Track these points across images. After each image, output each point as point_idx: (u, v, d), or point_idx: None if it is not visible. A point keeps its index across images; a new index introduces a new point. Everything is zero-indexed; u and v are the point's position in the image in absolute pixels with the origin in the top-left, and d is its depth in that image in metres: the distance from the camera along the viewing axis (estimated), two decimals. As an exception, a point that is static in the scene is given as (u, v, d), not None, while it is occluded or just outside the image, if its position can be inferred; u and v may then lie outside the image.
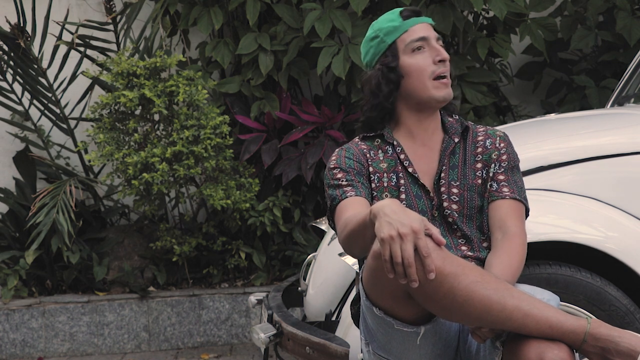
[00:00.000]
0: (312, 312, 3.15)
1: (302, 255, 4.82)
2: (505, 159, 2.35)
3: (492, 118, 5.03)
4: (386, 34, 2.35)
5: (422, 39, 2.32)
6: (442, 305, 1.94)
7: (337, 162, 2.34)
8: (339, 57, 4.61)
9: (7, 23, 4.84)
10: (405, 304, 2.00)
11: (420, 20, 2.35)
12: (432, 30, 2.36)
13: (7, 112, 5.21)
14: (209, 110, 4.57)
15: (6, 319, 4.70)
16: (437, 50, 2.31)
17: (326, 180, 2.35)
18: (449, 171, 2.33)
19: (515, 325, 1.93)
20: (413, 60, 2.32)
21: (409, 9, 2.37)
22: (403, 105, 2.37)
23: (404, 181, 2.31)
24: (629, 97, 3.72)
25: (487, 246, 2.30)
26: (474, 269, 1.95)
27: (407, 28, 2.33)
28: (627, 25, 4.92)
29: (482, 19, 5.14)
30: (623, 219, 2.82)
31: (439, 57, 2.30)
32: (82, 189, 4.93)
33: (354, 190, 2.27)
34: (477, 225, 2.30)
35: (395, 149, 2.35)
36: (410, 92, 2.33)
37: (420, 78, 2.31)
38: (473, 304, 1.92)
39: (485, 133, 2.40)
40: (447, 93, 2.31)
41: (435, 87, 2.30)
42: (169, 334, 4.79)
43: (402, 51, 2.33)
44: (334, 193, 2.29)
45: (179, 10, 5.06)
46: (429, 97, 2.31)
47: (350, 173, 2.31)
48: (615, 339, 1.90)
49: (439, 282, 1.91)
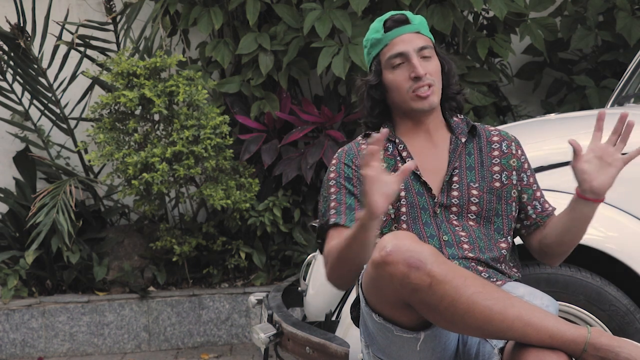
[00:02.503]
0: (312, 312, 3.15)
1: (302, 255, 4.82)
2: (527, 167, 2.42)
3: (492, 118, 5.03)
4: (372, 46, 2.39)
5: (400, 54, 2.33)
6: (444, 317, 1.94)
7: (336, 170, 2.36)
8: (339, 57, 4.61)
9: (7, 23, 4.85)
10: (404, 311, 2.00)
11: (401, 31, 2.34)
12: (415, 39, 2.34)
13: (7, 112, 5.21)
14: (209, 110, 4.57)
15: (6, 319, 4.70)
16: (413, 67, 2.31)
17: (323, 188, 2.38)
18: (467, 172, 2.33)
19: (516, 334, 1.92)
20: (392, 77, 2.35)
21: (393, 19, 2.36)
22: (395, 112, 2.41)
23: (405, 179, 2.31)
24: (629, 97, 3.72)
25: (505, 246, 2.31)
26: (475, 280, 1.94)
27: (388, 42, 2.35)
28: (627, 25, 4.92)
29: (482, 19, 5.14)
30: (623, 219, 2.82)
31: (414, 74, 2.31)
32: (82, 189, 4.93)
33: (336, 215, 2.28)
34: (495, 227, 2.31)
35: (397, 146, 2.35)
36: (394, 104, 2.38)
37: (398, 93, 2.34)
38: (474, 315, 1.91)
39: (499, 134, 2.43)
40: (426, 104, 2.32)
41: (413, 100, 2.33)
42: (169, 334, 4.79)
43: (384, 65, 2.36)
44: (324, 209, 2.33)
45: (179, 10, 5.06)
46: (409, 109, 2.35)
47: (342, 191, 2.32)
48: (616, 349, 1.90)
49: (440, 294, 1.90)
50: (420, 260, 1.90)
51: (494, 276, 2.26)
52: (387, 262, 1.92)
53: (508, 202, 2.34)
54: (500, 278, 2.26)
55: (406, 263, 1.90)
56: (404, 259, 1.90)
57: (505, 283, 2.23)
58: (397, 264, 1.90)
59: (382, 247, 1.93)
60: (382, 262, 1.92)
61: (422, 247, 1.93)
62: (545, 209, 2.40)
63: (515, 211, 2.37)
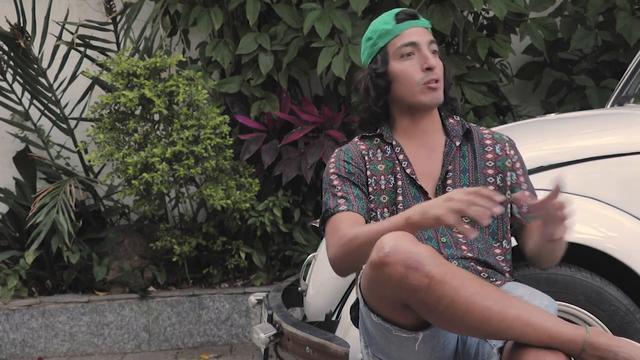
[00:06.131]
0: (312, 312, 3.15)
1: (302, 255, 4.82)
2: (519, 166, 2.39)
3: (492, 118, 5.03)
4: (379, 37, 2.37)
5: (412, 44, 2.32)
6: (442, 317, 1.93)
7: (336, 167, 2.35)
8: (339, 57, 4.61)
9: (7, 23, 4.84)
10: (403, 311, 1.99)
11: (414, 24, 2.34)
12: (426, 34, 2.35)
13: (7, 112, 5.21)
14: (209, 110, 4.57)
15: (6, 319, 4.70)
16: (425, 58, 2.31)
17: (324, 184, 2.37)
18: (460, 175, 2.32)
19: (515, 334, 1.92)
20: (401, 66, 2.33)
21: (405, 12, 2.36)
22: (396, 107, 2.39)
23: (402, 182, 2.31)
24: (629, 97, 3.72)
25: (500, 252, 2.30)
26: (474, 280, 1.94)
27: (399, 32, 2.34)
28: (627, 25, 4.92)
29: (482, 19, 5.14)
30: (623, 219, 2.82)
31: (426, 64, 2.30)
32: (82, 189, 4.93)
33: (347, 204, 2.28)
34: (489, 231, 2.31)
35: (394, 149, 2.35)
36: (399, 96, 2.35)
37: (407, 84, 2.32)
38: (473, 315, 1.91)
39: (492, 137, 2.42)
40: (434, 97, 2.32)
41: (422, 92, 2.31)
42: (169, 334, 4.79)
43: (392, 56, 2.34)
44: (328, 202, 2.32)
45: (179, 10, 5.06)
46: (417, 102, 2.33)
47: (346, 182, 2.32)
48: (614, 349, 1.89)
49: (439, 294, 1.90)
50: (419, 261, 1.90)
51: (493, 276, 2.26)
52: (385, 262, 1.91)
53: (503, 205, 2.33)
54: (499, 278, 2.26)
55: (404, 264, 1.90)
56: (403, 259, 1.90)
57: (505, 283, 2.23)
58: (396, 264, 1.90)
59: (381, 247, 1.93)
60: (380, 262, 1.92)
61: (421, 248, 1.92)
62: None
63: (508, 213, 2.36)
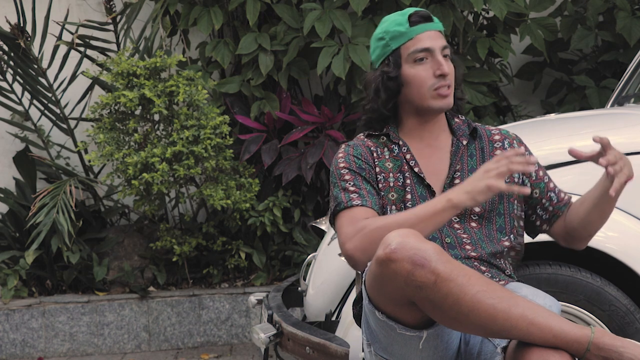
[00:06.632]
0: (312, 312, 3.15)
1: (302, 255, 4.82)
2: (533, 162, 2.37)
3: (492, 118, 5.03)
4: (392, 38, 2.34)
5: (426, 50, 2.30)
6: (448, 315, 1.93)
7: (346, 161, 2.33)
8: (339, 57, 4.61)
9: (7, 23, 4.85)
10: (408, 309, 1.99)
11: (428, 27, 2.32)
12: (439, 38, 2.33)
13: (7, 112, 5.21)
14: (209, 110, 4.57)
15: (6, 319, 4.70)
16: (438, 64, 2.29)
17: (332, 179, 2.33)
18: (468, 174, 2.32)
19: (520, 334, 1.92)
20: (414, 71, 2.31)
21: (419, 14, 2.33)
22: (404, 108, 2.38)
23: (410, 181, 2.31)
24: (629, 97, 3.72)
25: (508, 245, 2.30)
26: (480, 278, 1.94)
27: (413, 36, 2.31)
28: (627, 25, 4.92)
29: (482, 19, 5.14)
30: (623, 219, 2.82)
31: (440, 71, 2.29)
32: (82, 189, 4.93)
33: (360, 199, 2.26)
34: (497, 227, 2.31)
35: (401, 148, 2.35)
36: (409, 99, 2.34)
37: (419, 89, 2.31)
38: (478, 313, 1.91)
39: (500, 132, 2.42)
40: (445, 103, 2.31)
41: (433, 98, 2.30)
42: (169, 334, 4.79)
43: (405, 59, 2.32)
44: (340, 196, 2.28)
45: (179, 10, 5.06)
46: (427, 107, 2.32)
47: (357, 177, 2.30)
48: (619, 349, 1.89)
49: (445, 292, 1.90)
50: (425, 258, 1.90)
51: (497, 276, 2.26)
52: (391, 259, 1.91)
53: (510, 201, 2.33)
54: (502, 278, 2.26)
55: (411, 260, 1.89)
56: (409, 256, 1.90)
57: (508, 283, 2.23)
58: (402, 261, 1.90)
59: (387, 244, 1.93)
60: (386, 259, 1.92)
61: (427, 245, 1.92)
62: (562, 199, 2.40)
63: (518, 209, 2.36)
